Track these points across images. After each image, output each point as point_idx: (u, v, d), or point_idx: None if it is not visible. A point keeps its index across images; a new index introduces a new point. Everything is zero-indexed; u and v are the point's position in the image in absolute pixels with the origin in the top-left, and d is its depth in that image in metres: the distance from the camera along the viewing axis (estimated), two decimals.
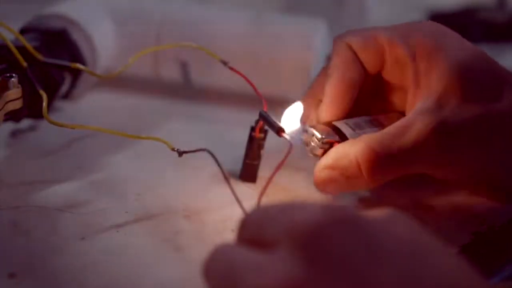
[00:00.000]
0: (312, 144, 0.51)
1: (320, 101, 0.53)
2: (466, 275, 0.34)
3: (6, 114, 0.52)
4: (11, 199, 0.51)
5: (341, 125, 0.51)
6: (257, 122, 0.53)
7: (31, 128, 0.61)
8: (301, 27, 0.68)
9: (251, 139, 0.54)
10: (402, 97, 0.52)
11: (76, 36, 0.62)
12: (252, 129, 0.54)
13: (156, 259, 0.46)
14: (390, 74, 0.52)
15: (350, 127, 0.51)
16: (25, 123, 0.60)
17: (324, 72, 0.54)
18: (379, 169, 0.48)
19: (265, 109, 0.52)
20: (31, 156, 0.57)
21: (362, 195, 0.54)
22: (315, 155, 0.51)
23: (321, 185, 0.50)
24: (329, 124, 0.51)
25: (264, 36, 0.67)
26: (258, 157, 0.54)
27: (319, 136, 0.50)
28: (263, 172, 0.54)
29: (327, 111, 0.51)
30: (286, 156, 0.47)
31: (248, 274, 0.34)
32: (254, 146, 0.54)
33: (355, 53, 0.52)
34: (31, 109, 0.55)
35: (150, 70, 0.69)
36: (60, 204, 0.51)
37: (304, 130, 0.51)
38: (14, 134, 0.60)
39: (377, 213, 0.37)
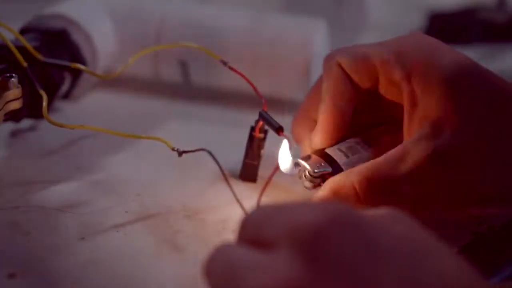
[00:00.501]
0: (304, 178, 0.50)
1: (314, 121, 0.52)
2: (466, 275, 0.34)
3: (6, 114, 0.52)
4: (11, 199, 0.51)
5: (334, 152, 0.51)
6: (257, 122, 0.53)
7: (31, 128, 0.61)
8: (301, 27, 0.68)
9: (251, 139, 0.54)
10: (397, 109, 0.51)
11: (76, 36, 0.62)
12: (252, 129, 0.54)
13: (156, 259, 0.46)
14: (384, 92, 0.51)
15: (344, 153, 0.50)
16: (25, 123, 0.60)
17: (316, 88, 0.53)
18: (379, 198, 0.47)
19: (265, 109, 0.52)
20: (31, 156, 0.57)
21: None
22: (309, 189, 0.50)
23: None
24: (322, 152, 0.51)
25: (264, 36, 0.67)
26: (258, 157, 0.54)
27: (310, 169, 0.49)
28: (263, 172, 0.54)
29: (320, 139, 0.51)
30: None
31: (249, 274, 0.34)
32: (254, 146, 0.54)
33: (346, 73, 0.51)
34: (31, 109, 0.55)
35: (150, 70, 0.69)
36: (60, 204, 0.51)
37: (296, 164, 0.50)
38: (14, 134, 0.60)
39: (377, 213, 0.37)
